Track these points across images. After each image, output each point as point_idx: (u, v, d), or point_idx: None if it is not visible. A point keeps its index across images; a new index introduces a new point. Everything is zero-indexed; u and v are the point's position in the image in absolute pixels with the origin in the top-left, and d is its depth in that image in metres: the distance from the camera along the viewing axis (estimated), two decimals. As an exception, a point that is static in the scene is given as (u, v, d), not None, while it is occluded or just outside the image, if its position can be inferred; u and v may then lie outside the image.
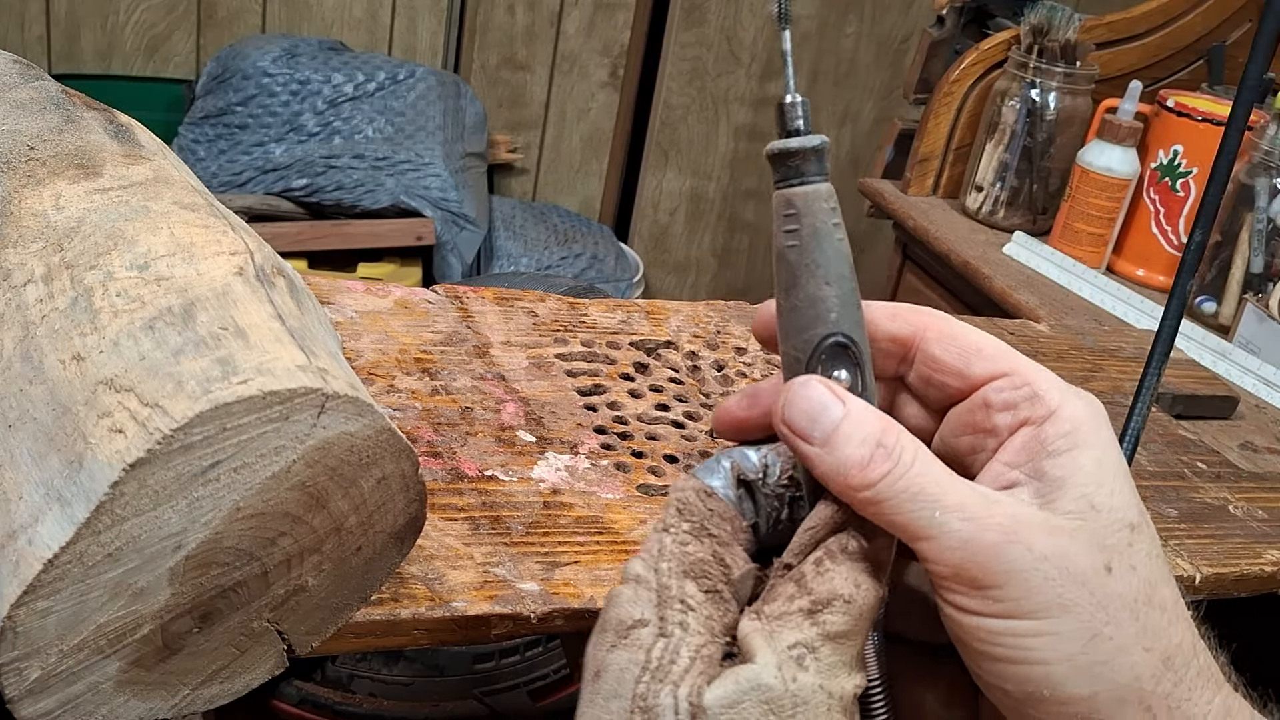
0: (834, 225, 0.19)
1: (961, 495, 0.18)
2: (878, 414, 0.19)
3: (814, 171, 0.19)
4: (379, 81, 1.28)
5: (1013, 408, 0.20)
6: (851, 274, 0.20)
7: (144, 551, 0.19)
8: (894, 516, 0.18)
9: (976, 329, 0.21)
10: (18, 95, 0.26)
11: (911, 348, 0.21)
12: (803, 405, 0.19)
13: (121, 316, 0.20)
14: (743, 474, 0.20)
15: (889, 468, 0.18)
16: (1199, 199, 0.82)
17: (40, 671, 0.20)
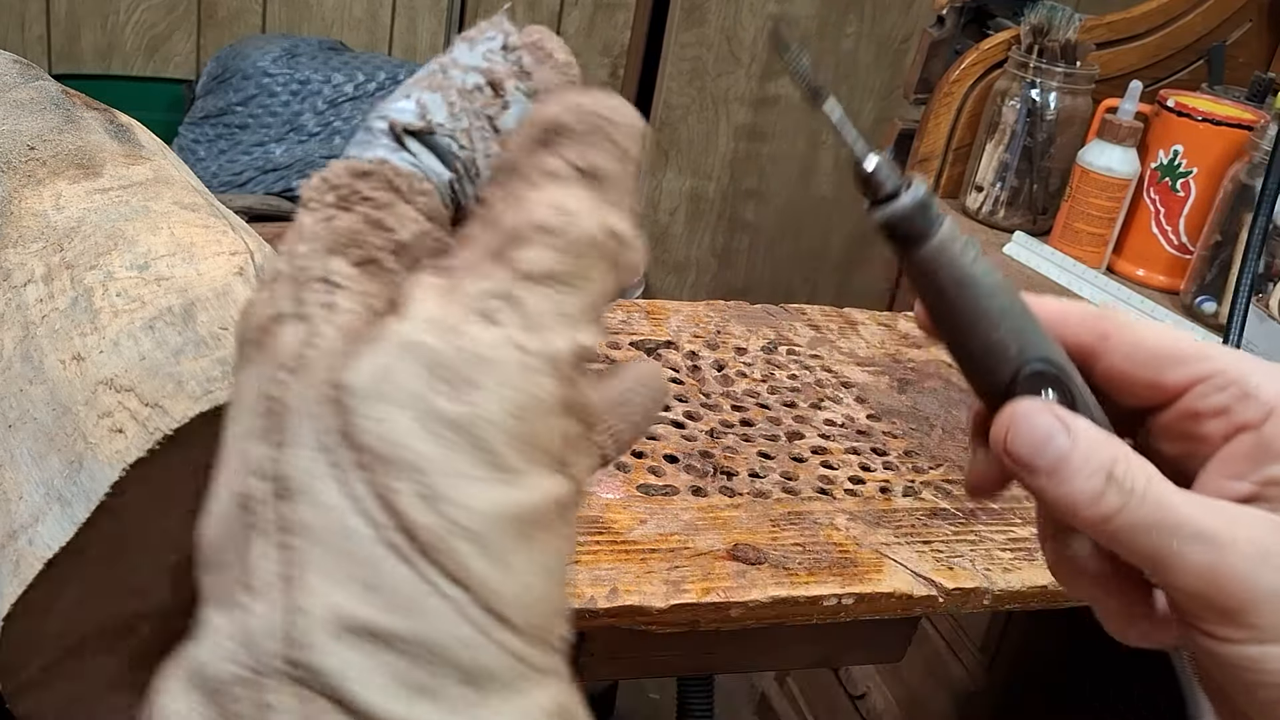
0: (971, 262, 0.18)
1: (1200, 520, 0.17)
2: (1106, 438, 0.17)
3: (929, 223, 0.18)
4: (379, 81, 1.28)
5: (1224, 413, 0.18)
6: (1012, 296, 0.18)
7: (144, 551, 0.19)
8: (1131, 546, 0.17)
9: (1161, 326, 0.19)
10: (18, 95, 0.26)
11: (1092, 357, 0.19)
12: (1026, 434, 0.17)
13: (122, 316, 0.20)
14: (405, 124, 0.15)
15: (1122, 501, 0.17)
16: (1199, 199, 0.82)
17: (39, 670, 0.19)
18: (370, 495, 0.12)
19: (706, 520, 0.41)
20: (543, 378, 0.13)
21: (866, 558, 0.41)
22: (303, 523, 0.12)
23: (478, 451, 0.12)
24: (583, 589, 0.36)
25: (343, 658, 0.12)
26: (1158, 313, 0.78)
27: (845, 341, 0.58)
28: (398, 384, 0.12)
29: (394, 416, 0.12)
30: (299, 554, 0.12)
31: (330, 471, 0.12)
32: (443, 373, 0.12)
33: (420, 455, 0.12)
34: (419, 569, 0.12)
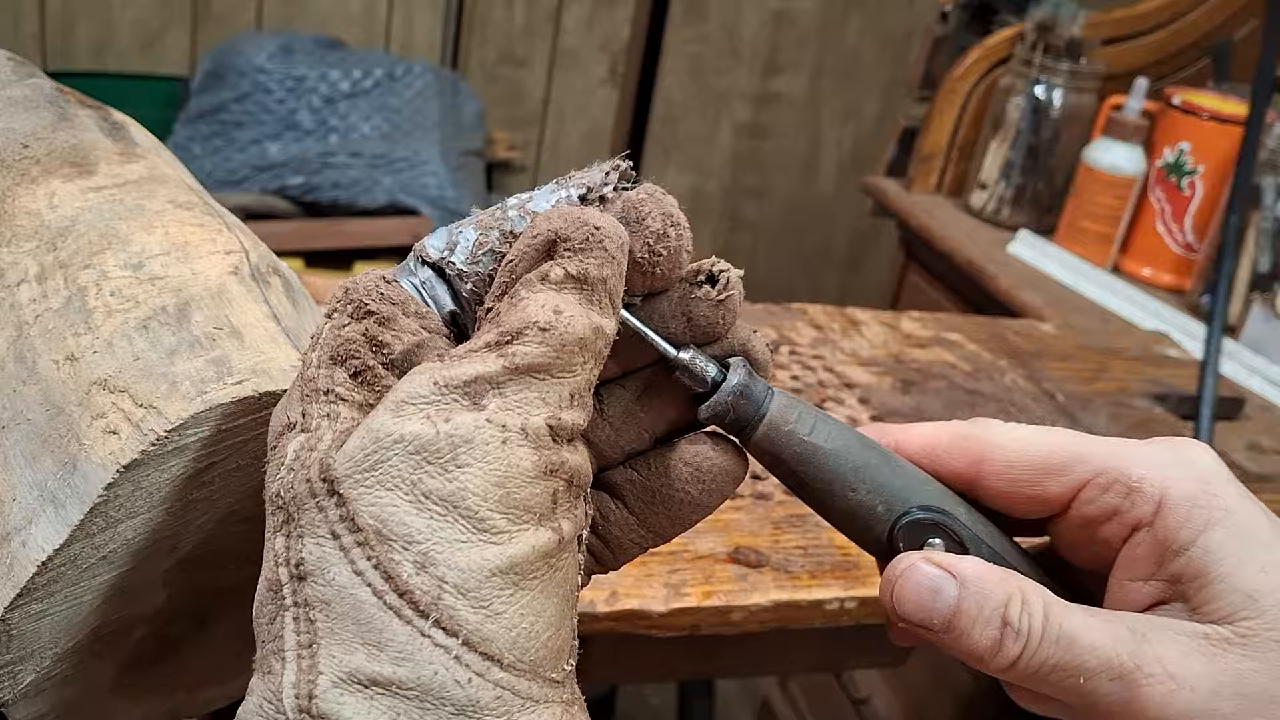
0: (810, 432, 0.18)
1: (1105, 651, 0.16)
2: (999, 578, 0.17)
3: (758, 404, 0.17)
4: (376, 78, 1.27)
5: (1114, 514, 0.18)
6: (868, 452, 0.18)
7: (138, 554, 0.19)
8: (1044, 689, 0.17)
9: (1033, 435, 0.18)
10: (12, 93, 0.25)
11: (973, 484, 0.19)
12: (913, 593, 0.17)
13: (115, 316, 0.20)
14: (424, 255, 0.17)
15: (1020, 648, 0.16)
16: (1205, 197, 0.82)
17: (35, 675, 0.19)
18: (371, 569, 0.15)
19: (707, 523, 0.41)
20: (521, 449, 0.15)
21: (869, 560, 0.40)
22: (318, 599, 0.15)
23: (465, 519, 0.15)
24: (583, 593, 0.35)
25: (349, 705, 0.14)
26: (1164, 313, 0.77)
27: (848, 341, 0.58)
28: (392, 471, 0.15)
29: (390, 500, 0.15)
30: (317, 625, 0.15)
31: (337, 554, 0.15)
32: (432, 456, 0.15)
33: (414, 529, 0.15)
34: (415, 624, 0.14)
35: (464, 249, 0.17)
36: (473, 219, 0.18)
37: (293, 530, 0.15)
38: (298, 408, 0.16)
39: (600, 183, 0.17)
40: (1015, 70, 0.87)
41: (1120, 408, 0.57)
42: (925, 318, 0.63)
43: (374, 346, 0.16)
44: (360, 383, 0.16)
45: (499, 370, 0.15)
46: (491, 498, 0.15)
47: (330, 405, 0.16)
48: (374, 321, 0.16)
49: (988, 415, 0.58)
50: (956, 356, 0.59)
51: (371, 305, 0.16)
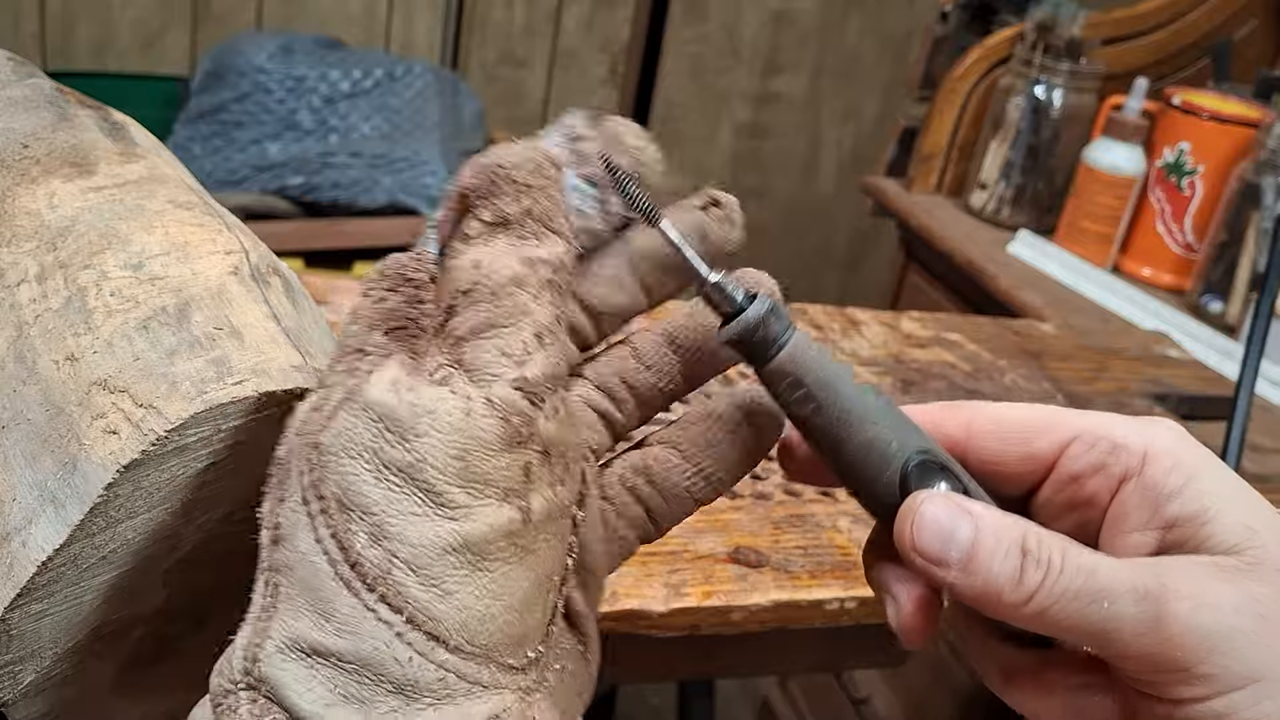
0: (833, 364, 0.18)
1: (1127, 578, 0.16)
2: (1009, 515, 0.17)
3: (782, 330, 0.18)
4: (376, 78, 1.27)
5: (1101, 469, 0.18)
6: (877, 391, 0.18)
7: (139, 554, 0.19)
8: (1062, 622, 0.16)
9: (1017, 404, 0.19)
10: (11, 93, 0.25)
11: (963, 448, 0.19)
12: (931, 527, 0.17)
13: (115, 316, 0.20)
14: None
15: (1041, 576, 0.16)
16: (1205, 197, 0.82)
17: (35, 675, 0.19)
18: (329, 537, 0.14)
19: (707, 523, 0.41)
20: (484, 419, 0.14)
21: (870, 560, 0.40)
22: (283, 563, 0.15)
23: (421, 492, 0.14)
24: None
25: (289, 671, 0.14)
26: (1164, 313, 0.77)
27: (848, 341, 0.58)
28: (356, 439, 0.15)
29: (352, 467, 0.14)
30: (280, 590, 0.15)
31: (305, 520, 0.15)
32: (393, 424, 0.14)
33: (371, 500, 0.14)
34: (362, 597, 0.14)
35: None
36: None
37: (277, 493, 0.15)
38: (325, 372, 0.16)
39: (581, 121, 0.17)
40: (1015, 70, 0.87)
41: (1120, 408, 0.57)
42: (925, 318, 0.63)
43: (414, 304, 0.16)
44: (394, 339, 0.15)
45: (448, 348, 0.15)
46: (450, 470, 0.14)
47: (354, 361, 0.15)
48: (414, 287, 0.16)
49: (988, 415, 0.58)
50: (956, 356, 0.59)
51: (411, 274, 0.16)
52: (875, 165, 1.04)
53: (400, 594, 0.14)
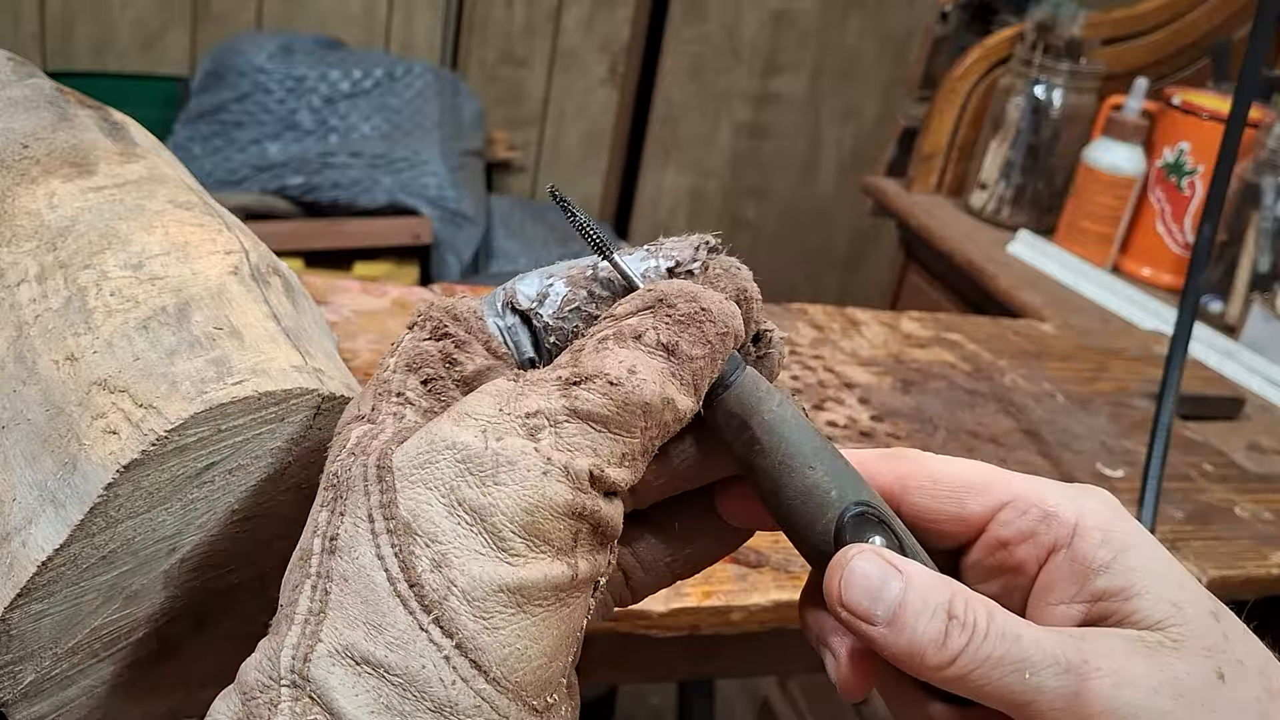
0: (778, 405, 0.18)
1: (1048, 647, 0.16)
2: (939, 577, 0.17)
3: (731, 370, 0.18)
4: (376, 78, 1.27)
5: (1031, 536, 0.18)
6: (820, 437, 0.18)
7: (138, 554, 0.19)
8: (984, 688, 0.16)
9: (956, 460, 0.19)
10: (12, 93, 0.25)
11: (896, 500, 0.19)
12: (860, 583, 0.17)
13: (115, 316, 0.20)
14: (515, 302, 0.18)
15: (965, 639, 0.16)
16: (1205, 197, 0.82)
17: (35, 675, 0.19)
18: (392, 555, 0.15)
19: (709, 521, 0.41)
20: (557, 484, 0.16)
21: (870, 559, 0.40)
22: (339, 573, 0.16)
23: (488, 534, 0.15)
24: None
25: (336, 675, 0.15)
26: (1164, 313, 0.77)
27: (848, 342, 0.58)
28: (437, 472, 0.16)
29: (427, 497, 0.16)
30: (330, 596, 0.15)
31: (368, 536, 0.16)
32: (475, 468, 0.16)
33: (440, 530, 0.15)
34: (417, 617, 0.15)
35: (553, 303, 0.18)
36: (563, 270, 0.18)
37: (337, 507, 0.16)
38: (369, 403, 0.17)
39: (690, 258, 0.18)
40: (1015, 70, 0.87)
41: (1120, 408, 0.57)
42: (925, 318, 0.63)
43: (447, 363, 0.17)
44: (429, 391, 0.17)
45: (559, 408, 0.16)
46: (518, 521, 0.15)
47: (398, 405, 0.17)
48: (451, 343, 0.17)
49: (988, 415, 0.58)
50: (956, 356, 0.59)
51: (450, 329, 0.18)
52: (875, 165, 1.04)
53: (453, 620, 0.15)
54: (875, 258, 1.57)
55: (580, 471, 0.16)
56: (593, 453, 0.16)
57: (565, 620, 0.16)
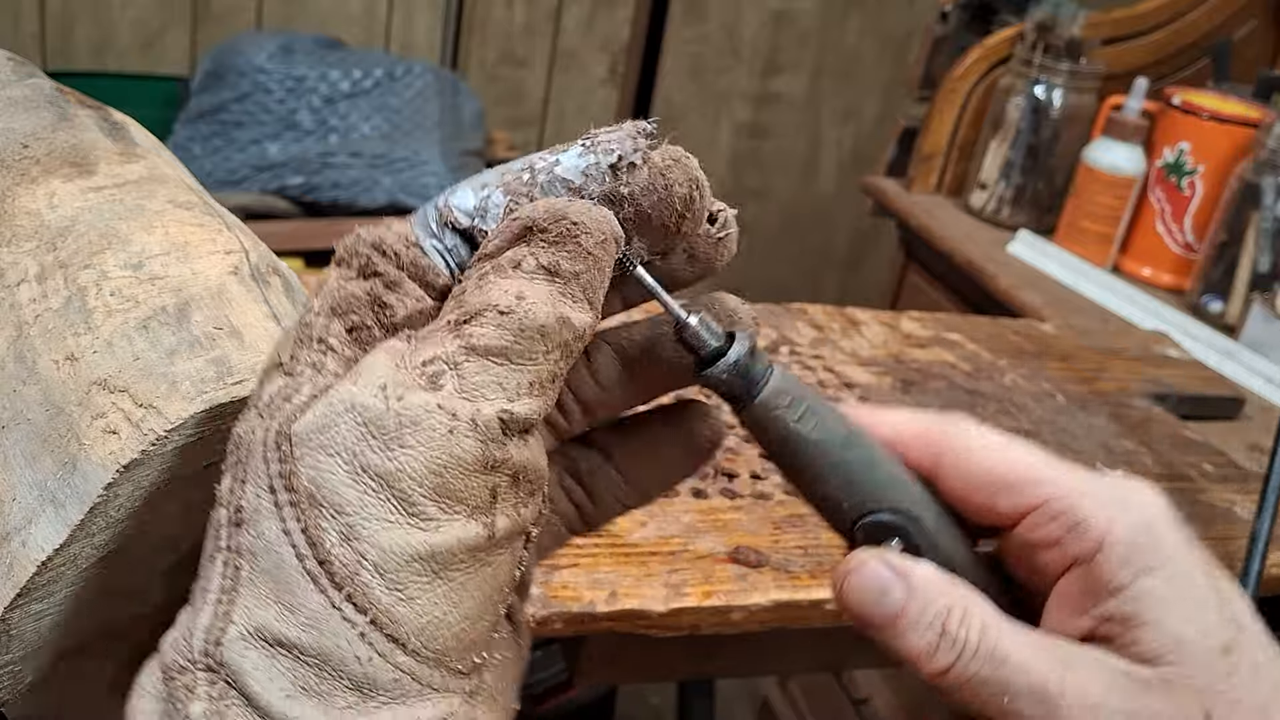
0: (797, 419, 0.18)
1: (1033, 674, 0.17)
2: (945, 587, 0.17)
3: (748, 386, 0.18)
4: (376, 78, 1.27)
5: (1056, 544, 0.18)
6: (845, 444, 0.18)
7: (139, 554, 0.19)
8: (971, 704, 0.17)
9: (997, 446, 0.18)
10: (11, 93, 0.25)
11: (932, 478, 0.19)
12: (859, 589, 0.18)
13: (115, 316, 0.20)
14: (454, 220, 0.16)
15: (953, 658, 0.17)
16: (1205, 197, 0.82)
17: (35, 675, 0.19)
18: (299, 530, 0.15)
19: (707, 523, 0.41)
20: (466, 440, 0.15)
21: (870, 560, 0.40)
22: (247, 548, 0.15)
23: (396, 500, 0.15)
24: (581, 592, 0.35)
25: (250, 659, 0.14)
26: (1164, 313, 0.77)
27: (847, 341, 0.58)
28: (337, 438, 0.15)
29: (329, 465, 0.15)
30: (241, 573, 0.15)
31: (270, 508, 0.15)
32: (377, 431, 0.15)
33: (346, 500, 0.15)
34: (329, 594, 0.14)
35: (495, 215, 0.17)
36: (496, 177, 0.17)
37: (238, 474, 0.15)
38: (288, 350, 0.16)
39: (630, 149, 0.17)
40: (1015, 70, 0.87)
41: (1120, 408, 0.57)
42: (925, 318, 0.63)
43: (376, 306, 0.16)
44: (355, 339, 0.16)
45: (455, 350, 0.15)
46: (427, 484, 0.15)
47: (319, 355, 0.16)
48: (380, 283, 0.16)
49: (988, 415, 0.58)
50: (956, 356, 0.59)
51: (379, 266, 0.16)
52: (875, 165, 1.04)
53: (366, 595, 0.14)
54: (875, 258, 1.57)
55: (489, 420, 0.15)
56: (498, 389, 0.15)
57: (489, 579, 0.15)
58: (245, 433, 0.15)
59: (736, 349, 0.18)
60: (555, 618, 0.34)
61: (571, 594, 0.35)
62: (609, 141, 0.17)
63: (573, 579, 0.36)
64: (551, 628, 0.34)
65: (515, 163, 0.17)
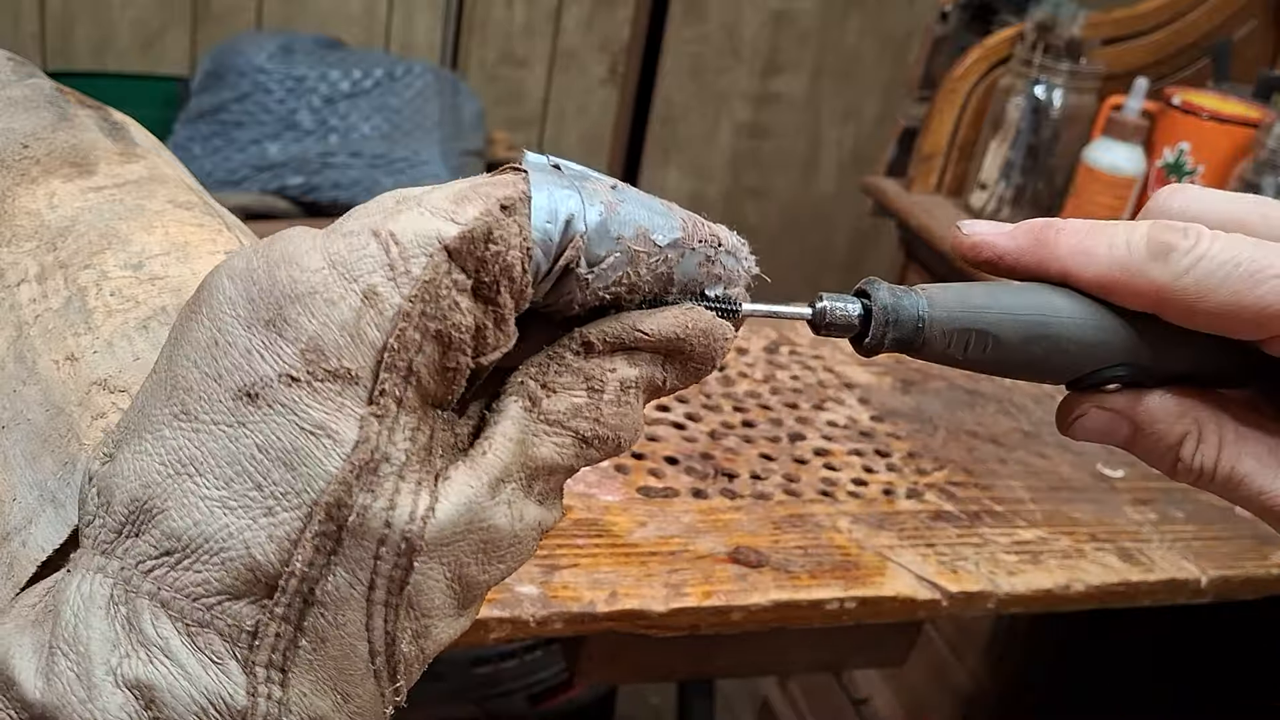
0: (967, 350, 0.17)
1: (1268, 499, 0.17)
2: (1172, 413, 0.17)
3: (910, 321, 0.17)
4: (376, 78, 1.27)
5: None
6: (1026, 337, 0.17)
7: (138, 556, 0.19)
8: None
9: (1219, 269, 0.16)
10: (12, 93, 0.25)
11: (1157, 313, 0.17)
12: (1084, 432, 0.18)
13: (115, 316, 0.20)
14: (578, 255, 0.14)
15: (1193, 480, 0.17)
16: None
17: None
18: (382, 628, 0.14)
19: (707, 523, 0.41)
20: (534, 547, 0.15)
21: (869, 561, 0.41)
22: (316, 630, 0.14)
23: (464, 601, 0.15)
24: (582, 593, 0.35)
25: None
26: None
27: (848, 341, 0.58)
28: (458, 552, 0.14)
29: (437, 575, 0.14)
30: (300, 654, 0.14)
31: (363, 603, 0.14)
32: (493, 550, 0.15)
33: (434, 606, 0.14)
34: (383, 686, 0.14)
35: (608, 270, 0.15)
36: (631, 230, 0.15)
37: (327, 546, 0.13)
38: (364, 360, 0.13)
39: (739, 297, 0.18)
40: (1015, 70, 0.87)
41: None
42: (925, 318, 0.63)
43: (476, 345, 0.14)
44: (443, 379, 0.14)
45: (568, 467, 0.15)
46: (492, 586, 0.15)
47: (404, 390, 0.13)
48: (492, 316, 0.14)
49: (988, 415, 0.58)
50: (956, 357, 0.59)
51: (499, 290, 0.13)
52: (875, 165, 1.04)
53: (408, 682, 0.15)
54: (875, 258, 1.57)
55: (549, 528, 0.15)
56: (558, 499, 0.16)
57: None
58: (341, 502, 0.13)
59: (877, 314, 0.17)
60: (555, 618, 0.34)
61: (571, 594, 0.35)
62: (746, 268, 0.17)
63: (573, 579, 0.36)
64: (551, 628, 0.34)
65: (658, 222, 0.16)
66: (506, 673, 0.69)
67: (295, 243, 0.14)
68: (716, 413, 0.48)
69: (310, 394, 0.13)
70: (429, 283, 0.13)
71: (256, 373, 0.13)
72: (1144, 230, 0.17)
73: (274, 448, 0.13)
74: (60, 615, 0.14)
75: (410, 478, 0.14)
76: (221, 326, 0.14)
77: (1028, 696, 0.76)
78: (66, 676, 0.13)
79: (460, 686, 0.69)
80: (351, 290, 0.13)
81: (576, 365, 0.15)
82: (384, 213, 0.14)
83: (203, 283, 0.15)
